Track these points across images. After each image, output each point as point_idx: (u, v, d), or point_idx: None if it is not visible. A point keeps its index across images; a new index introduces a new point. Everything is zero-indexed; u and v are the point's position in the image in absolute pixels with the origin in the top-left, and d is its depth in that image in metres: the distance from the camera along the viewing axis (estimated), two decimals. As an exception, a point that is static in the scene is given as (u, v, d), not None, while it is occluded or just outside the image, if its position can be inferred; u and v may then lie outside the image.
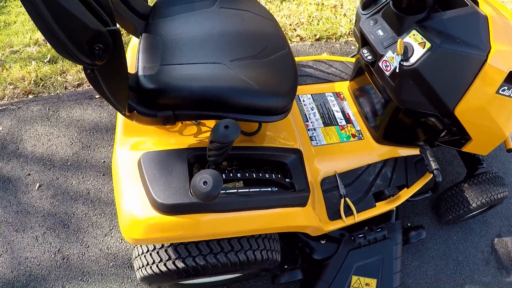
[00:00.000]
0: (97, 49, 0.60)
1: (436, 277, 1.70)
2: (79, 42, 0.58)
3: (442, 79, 1.14)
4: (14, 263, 1.59)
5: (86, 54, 0.60)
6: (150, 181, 0.89)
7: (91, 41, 0.59)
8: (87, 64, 0.63)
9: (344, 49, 2.51)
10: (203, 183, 0.57)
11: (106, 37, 0.60)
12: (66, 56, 0.61)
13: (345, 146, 1.43)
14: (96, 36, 0.59)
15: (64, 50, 0.58)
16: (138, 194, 0.92)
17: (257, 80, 0.91)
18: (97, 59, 0.62)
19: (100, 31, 0.59)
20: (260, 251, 1.12)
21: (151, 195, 0.88)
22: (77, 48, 0.58)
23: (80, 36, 0.57)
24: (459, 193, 1.62)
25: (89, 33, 0.58)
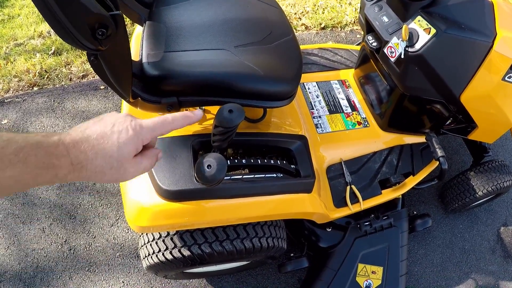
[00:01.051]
0: (100, 33, 0.59)
1: (443, 266, 1.69)
2: (82, 27, 0.57)
3: (448, 65, 1.13)
4: (21, 254, 1.60)
5: (89, 39, 0.59)
6: (154, 168, 0.89)
7: (94, 26, 0.58)
8: (90, 49, 0.62)
9: (350, 37, 2.49)
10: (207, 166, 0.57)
11: (109, 22, 0.59)
12: (70, 42, 0.60)
13: (351, 133, 1.42)
14: (99, 21, 0.58)
15: (68, 35, 0.58)
16: (143, 182, 0.92)
17: (262, 65, 0.90)
18: (100, 44, 0.61)
19: (103, 15, 0.58)
20: (266, 238, 1.12)
21: (156, 182, 0.88)
22: (80, 33, 0.58)
23: (83, 21, 0.56)
24: (465, 181, 1.61)
25: (91, 18, 0.57)
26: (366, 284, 1.33)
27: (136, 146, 0.50)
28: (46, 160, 0.42)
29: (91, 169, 0.46)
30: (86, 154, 0.45)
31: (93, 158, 0.46)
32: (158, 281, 1.55)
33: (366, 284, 1.33)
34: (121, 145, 0.48)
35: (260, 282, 1.57)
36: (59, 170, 0.44)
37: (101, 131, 0.47)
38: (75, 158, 0.44)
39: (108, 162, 0.47)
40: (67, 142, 0.44)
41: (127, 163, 0.49)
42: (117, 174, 0.49)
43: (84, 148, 0.45)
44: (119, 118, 0.51)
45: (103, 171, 0.47)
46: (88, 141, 0.46)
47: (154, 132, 0.53)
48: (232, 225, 1.07)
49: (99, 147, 0.46)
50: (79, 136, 0.46)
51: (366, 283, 1.34)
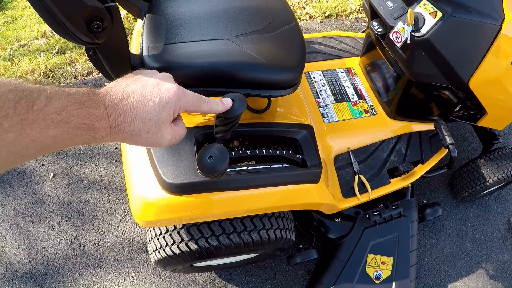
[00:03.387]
0: (96, 26, 0.59)
1: (453, 255, 1.67)
2: (77, 21, 0.56)
3: (455, 49, 1.10)
4: (32, 253, 1.62)
5: (85, 33, 0.58)
6: (158, 162, 0.88)
7: (89, 19, 0.57)
8: (87, 43, 0.61)
9: (354, 25, 2.45)
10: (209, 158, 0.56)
11: (104, 14, 0.58)
12: (65, 36, 0.60)
13: (358, 122, 1.39)
14: (94, 14, 0.57)
15: (63, 30, 0.57)
16: (147, 176, 0.91)
17: (264, 54, 0.89)
18: (96, 37, 0.60)
19: (98, 8, 0.57)
20: (274, 230, 1.11)
21: (160, 175, 0.87)
22: (75, 27, 0.57)
23: (77, 14, 0.55)
24: (475, 169, 1.58)
25: (86, 11, 0.56)
26: (376, 275, 1.32)
27: (175, 111, 0.49)
28: (87, 122, 0.41)
29: (128, 131, 0.45)
30: (124, 116, 0.44)
31: (131, 121, 0.44)
32: (167, 275, 1.56)
33: (376, 275, 1.32)
34: (161, 109, 0.46)
35: (269, 274, 1.57)
36: (97, 132, 0.43)
37: (142, 92, 0.46)
38: (113, 121, 0.43)
39: (146, 125, 0.46)
40: (107, 103, 0.43)
41: (165, 129, 0.48)
42: (153, 139, 0.48)
43: (123, 110, 0.44)
44: (162, 78, 0.49)
45: (139, 134, 0.46)
46: (127, 102, 0.44)
47: (191, 107, 0.51)
48: (239, 218, 1.06)
49: (138, 110, 0.45)
50: (119, 97, 0.44)
51: (376, 274, 1.32)
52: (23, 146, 0.37)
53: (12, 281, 1.56)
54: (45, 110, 0.38)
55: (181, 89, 0.50)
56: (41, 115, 0.37)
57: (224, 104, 0.60)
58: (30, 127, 0.36)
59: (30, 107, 0.37)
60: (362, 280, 1.31)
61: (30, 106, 0.37)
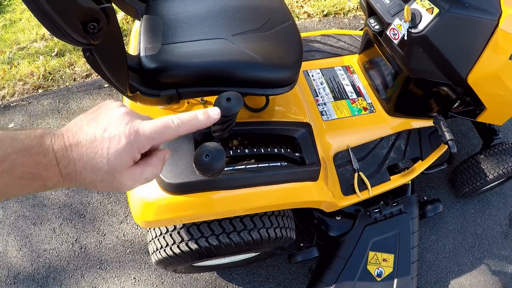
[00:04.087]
0: (92, 27, 0.59)
1: (455, 251, 1.67)
2: (73, 22, 0.56)
3: (453, 45, 1.10)
4: (34, 255, 1.62)
5: (81, 34, 0.58)
6: None
7: (85, 20, 0.57)
8: (83, 44, 0.61)
9: (353, 23, 2.45)
10: (205, 156, 0.56)
11: (100, 15, 0.58)
12: (61, 38, 0.59)
13: (357, 119, 1.39)
14: (90, 15, 0.57)
15: (59, 31, 0.57)
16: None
17: (261, 52, 0.89)
18: (92, 38, 0.60)
19: (93, 9, 0.57)
20: (274, 229, 1.11)
21: (159, 176, 0.87)
22: (71, 28, 0.57)
23: (73, 15, 0.55)
24: (475, 165, 1.57)
25: (82, 12, 0.56)
26: (378, 272, 1.32)
27: (132, 156, 0.43)
28: (33, 171, 0.38)
29: (80, 180, 0.42)
30: (74, 165, 0.40)
31: (81, 171, 0.41)
32: (169, 276, 1.56)
33: (377, 272, 1.32)
34: (111, 157, 0.41)
35: (270, 273, 1.57)
36: (47, 181, 0.40)
37: (92, 136, 0.41)
38: (63, 168, 0.40)
39: (97, 175, 0.42)
40: (56, 148, 0.40)
41: (121, 176, 0.43)
42: (110, 187, 0.44)
43: (73, 156, 0.40)
44: (114, 118, 0.43)
45: (93, 183, 0.42)
46: (77, 149, 0.40)
47: (153, 140, 0.44)
48: (239, 217, 1.06)
49: (87, 158, 0.41)
50: (69, 141, 0.41)
51: (377, 271, 1.32)
52: None
53: (14, 284, 1.56)
54: None
55: (133, 130, 0.43)
56: None
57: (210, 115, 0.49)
58: None
59: None
60: (363, 278, 1.31)
61: None
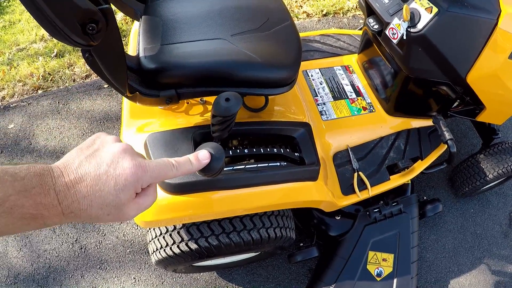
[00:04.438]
0: (90, 29, 0.59)
1: (455, 251, 1.67)
2: (72, 23, 0.56)
3: (452, 44, 1.10)
4: (34, 256, 1.62)
5: (80, 35, 0.59)
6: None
7: (83, 21, 0.58)
8: (82, 45, 0.62)
9: (352, 23, 2.45)
10: None
11: (98, 16, 0.58)
12: (60, 39, 0.60)
13: (356, 119, 1.39)
14: (88, 16, 0.57)
15: (58, 32, 0.57)
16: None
17: (259, 52, 0.89)
18: (91, 39, 0.61)
19: (92, 10, 0.57)
20: (274, 229, 1.11)
21: None
22: (70, 29, 0.57)
23: (71, 16, 0.56)
24: (475, 164, 1.57)
25: (80, 13, 0.56)
26: (377, 272, 1.32)
27: (136, 190, 0.46)
28: (34, 211, 0.38)
29: (86, 217, 0.42)
30: (78, 204, 0.41)
31: (87, 208, 0.41)
32: (169, 276, 1.56)
33: (377, 271, 1.32)
34: (118, 193, 0.43)
35: (270, 273, 1.57)
36: (48, 220, 0.39)
37: (96, 174, 0.42)
38: (66, 208, 0.40)
39: (104, 210, 0.43)
40: (58, 189, 0.40)
41: (126, 208, 0.45)
42: (115, 219, 0.45)
43: (76, 196, 0.41)
44: (115, 155, 0.44)
45: (99, 217, 0.43)
46: (80, 188, 0.41)
47: (156, 179, 0.47)
48: (239, 217, 1.06)
49: (94, 195, 0.42)
50: (70, 179, 0.41)
51: (377, 271, 1.32)
52: None
53: (14, 284, 1.56)
54: None
55: (140, 167, 0.45)
56: None
57: (200, 160, 0.54)
58: None
59: None
60: (363, 277, 1.31)
61: None
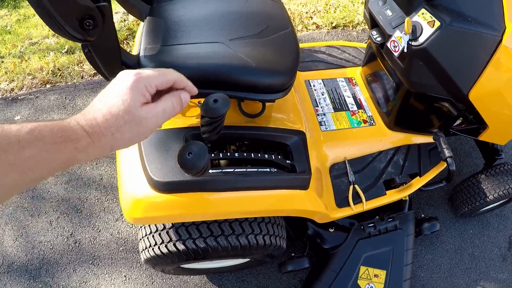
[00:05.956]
0: (88, 24, 0.62)
1: (450, 272, 1.63)
2: (70, 18, 0.59)
3: (454, 60, 1.08)
4: (29, 246, 1.64)
5: (77, 30, 0.61)
6: (147, 160, 0.89)
7: (81, 17, 0.61)
8: (79, 39, 0.64)
9: (361, 37, 2.45)
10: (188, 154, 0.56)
11: (96, 13, 0.61)
12: (58, 32, 0.63)
13: (356, 131, 1.38)
14: (86, 12, 0.60)
15: (56, 26, 0.61)
16: (137, 174, 0.92)
17: (255, 57, 0.90)
18: (88, 34, 0.63)
19: (90, 7, 0.60)
20: (263, 236, 1.10)
21: (148, 173, 0.88)
22: (68, 24, 0.60)
23: (70, 11, 0.59)
24: (476, 184, 1.54)
25: (78, 9, 0.59)
26: None
27: (140, 91, 0.48)
28: (62, 134, 0.42)
29: (107, 133, 0.45)
30: (96, 120, 0.44)
31: (104, 121, 0.45)
32: (159, 276, 1.56)
33: (367, 287, 1.30)
34: (123, 96, 0.47)
35: (261, 281, 1.55)
36: (78, 143, 0.43)
37: (102, 95, 0.47)
38: (88, 127, 0.44)
39: (118, 119, 0.46)
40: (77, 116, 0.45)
41: (139, 112, 0.47)
42: (136, 128, 0.48)
43: (92, 115, 0.45)
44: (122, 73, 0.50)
45: (120, 130, 0.46)
46: (94, 109, 0.46)
47: (156, 78, 0.51)
48: (228, 221, 1.06)
49: (104, 109, 0.46)
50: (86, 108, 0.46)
51: (368, 287, 1.30)
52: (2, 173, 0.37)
53: (7, 273, 1.58)
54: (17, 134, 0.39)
55: (136, 73, 0.50)
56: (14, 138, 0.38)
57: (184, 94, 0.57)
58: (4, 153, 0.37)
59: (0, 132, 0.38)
60: (353, 292, 1.29)
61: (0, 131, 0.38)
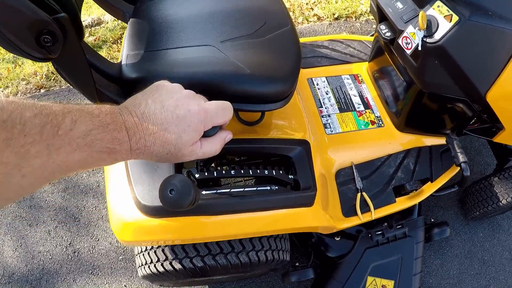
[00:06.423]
0: (46, 41, 0.52)
1: (459, 278, 1.56)
2: (23, 35, 0.50)
3: (472, 58, 0.99)
4: (28, 257, 1.60)
5: (35, 48, 0.52)
6: (134, 181, 0.81)
7: (37, 33, 0.51)
8: (39, 59, 0.54)
9: (365, 28, 2.33)
10: (170, 191, 0.49)
11: (52, 27, 0.52)
12: (15, 52, 0.53)
13: (363, 134, 1.29)
14: (41, 27, 0.51)
15: (11, 46, 0.51)
16: (124, 194, 0.84)
17: (249, 62, 0.80)
18: (48, 52, 0.54)
19: (44, 20, 0.50)
20: (265, 252, 1.03)
21: (135, 196, 0.80)
22: (23, 42, 0.51)
23: (22, 28, 0.49)
24: (488, 187, 1.44)
25: (32, 25, 0.50)
26: (377, 299, 1.23)
27: (199, 133, 0.49)
28: (110, 146, 0.41)
29: (147, 153, 0.46)
30: (144, 141, 0.45)
31: (150, 145, 0.45)
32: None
33: (376, 298, 1.23)
34: (182, 133, 0.47)
35: (265, 290, 1.49)
36: (119, 155, 0.43)
37: (161, 115, 0.46)
38: (134, 144, 0.44)
39: (165, 149, 0.47)
40: (128, 126, 0.43)
41: (185, 149, 0.48)
42: (172, 158, 0.49)
43: (143, 133, 0.44)
44: (181, 99, 0.49)
45: (158, 155, 0.47)
46: (147, 126, 0.45)
47: (216, 121, 0.52)
48: (226, 238, 0.98)
49: (158, 134, 0.45)
50: (138, 118, 0.44)
51: (376, 298, 1.23)
52: (50, 172, 0.37)
53: (8, 284, 1.55)
54: (71, 135, 0.38)
55: (203, 110, 0.50)
56: (67, 140, 0.37)
57: None
58: (56, 152, 0.37)
59: (55, 132, 0.36)
60: (360, 304, 1.22)
61: (56, 131, 0.36)
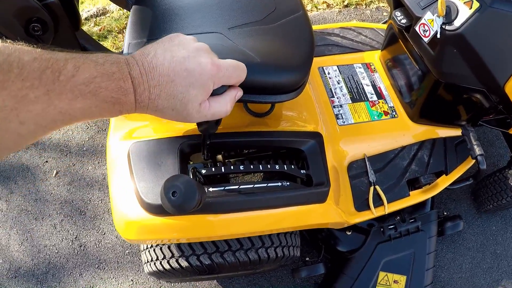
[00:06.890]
0: (36, 29, 0.49)
1: (472, 272, 1.52)
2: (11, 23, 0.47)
3: (492, 47, 0.94)
4: (34, 251, 1.59)
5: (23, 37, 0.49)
6: (137, 177, 0.77)
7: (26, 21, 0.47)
8: None
9: (376, 15, 2.26)
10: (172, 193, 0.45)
11: (42, 14, 0.48)
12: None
13: (376, 125, 1.24)
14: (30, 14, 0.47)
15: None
16: (128, 191, 0.80)
17: (260, 50, 0.74)
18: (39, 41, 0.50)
19: (33, 6, 0.47)
20: (275, 248, 0.99)
21: (139, 194, 0.77)
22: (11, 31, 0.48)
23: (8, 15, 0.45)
24: (502, 180, 1.39)
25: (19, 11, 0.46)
26: (388, 295, 1.20)
27: (208, 90, 0.46)
28: (115, 95, 0.39)
29: (152, 107, 0.43)
30: (149, 93, 0.42)
31: (155, 98, 0.42)
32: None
33: (387, 294, 1.20)
34: (189, 86, 0.43)
35: (273, 285, 1.47)
36: (124, 106, 0.41)
37: (169, 65, 0.42)
38: (138, 96, 0.42)
39: (170, 103, 0.44)
40: (133, 75, 0.41)
41: (192, 106, 0.45)
42: (178, 117, 0.46)
43: (148, 85, 0.42)
44: (192, 50, 0.45)
45: (163, 110, 0.44)
46: (153, 75, 0.42)
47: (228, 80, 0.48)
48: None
49: (164, 85, 0.42)
50: (145, 68, 0.42)
51: (388, 294, 1.20)
52: (50, 119, 0.35)
53: (15, 278, 1.55)
54: (73, 81, 0.36)
55: (216, 65, 0.46)
56: (68, 86, 0.35)
57: None
58: (58, 99, 0.35)
59: (56, 77, 0.34)
60: (372, 300, 1.19)
61: (57, 76, 0.34)
